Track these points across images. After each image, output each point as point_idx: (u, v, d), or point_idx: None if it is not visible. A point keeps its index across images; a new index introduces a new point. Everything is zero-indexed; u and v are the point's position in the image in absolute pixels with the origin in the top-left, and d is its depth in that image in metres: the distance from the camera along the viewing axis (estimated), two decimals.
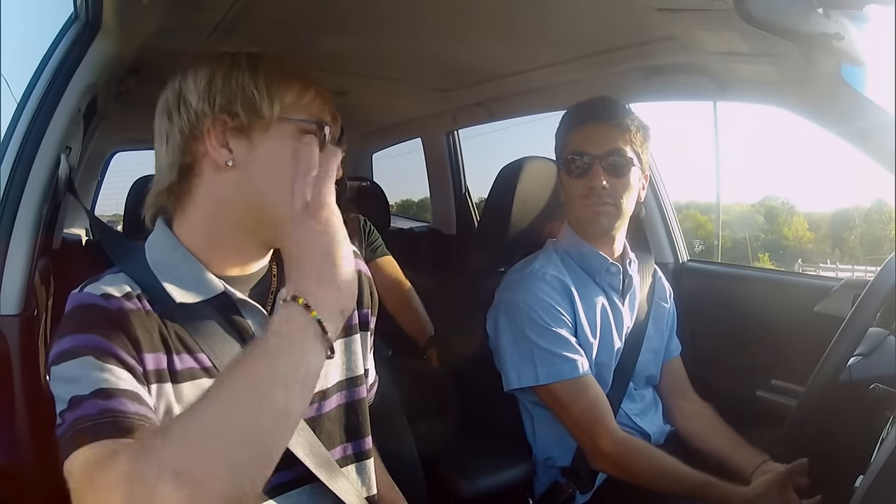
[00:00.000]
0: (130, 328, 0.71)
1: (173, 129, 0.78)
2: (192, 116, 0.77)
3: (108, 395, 0.66)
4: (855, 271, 5.17)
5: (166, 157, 0.79)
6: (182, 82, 0.79)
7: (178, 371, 0.75)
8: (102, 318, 0.71)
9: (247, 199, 0.78)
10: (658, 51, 1.44)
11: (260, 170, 0.78)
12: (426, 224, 3.20)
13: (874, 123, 1.17)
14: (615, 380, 1.36)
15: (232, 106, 0.76)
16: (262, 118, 0.76)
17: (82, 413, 0.64)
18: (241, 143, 0.77)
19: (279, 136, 0.78)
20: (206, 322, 0.78)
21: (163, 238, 0.81)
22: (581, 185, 1.30)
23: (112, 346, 0.69)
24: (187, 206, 0.80)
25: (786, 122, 1.44)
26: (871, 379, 1.01)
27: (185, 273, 0.78)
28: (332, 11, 1.42)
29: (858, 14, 0.87)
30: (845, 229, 5.28)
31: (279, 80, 0.78)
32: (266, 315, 0.82)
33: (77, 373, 0.67)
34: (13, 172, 1.08)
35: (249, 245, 0.82)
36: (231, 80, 0.77)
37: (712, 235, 4.63)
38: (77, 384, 0.66)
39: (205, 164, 0.78)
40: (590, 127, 1.31)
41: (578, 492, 1.31)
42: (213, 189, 0.79)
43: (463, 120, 2.58)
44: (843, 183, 5.51)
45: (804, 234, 5.46)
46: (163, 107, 0.80)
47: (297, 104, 0.79)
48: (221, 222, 0.79)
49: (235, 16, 1.37)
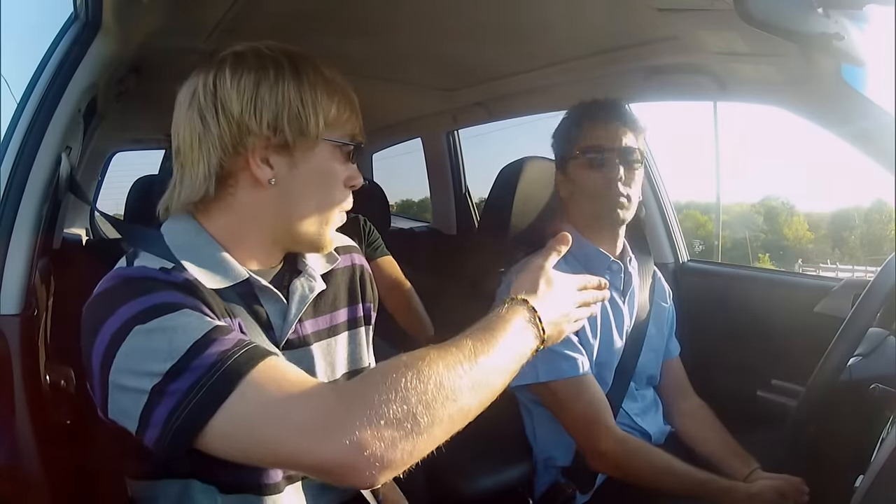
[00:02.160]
0: (201, 296, 0.72)
1: (210, 136, 0.75)
2: (234, 129, 0.75)
3: (227, 331, 0.68)
4: (855, 271, 5.17)
5: (199, 164, 0.76)
6: (218, 82, 0.76)
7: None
8: (171, 284, 0.71)
9: (281, 214, 0.79)
10: (658, 51, 1.44)
11: (299, 188, 0.78)
12: (426, 224, 3.19)
13: (874, 124, 1.17)
14: (616, 379, 1.36)
15: (278, 122, 0.75)
16: (306, 136, 0.76)
17: (221, 350, 0.64)
18: (282, 160, 0.77)
19: (321, 156, 0.79)
20: (233, 306, 0.78)
21: (184, 224, 0.80)
22: (599, 178, 1.31)
23: (198, 303, 0.70)
24: (214, 210, 0.80)
25: (786, 122, 1.44)
26: (871, 379, 1.01)
27: (208, 258, 0.78)
28: (333, 11, 1.42)
29: (858, 14, 0.87)
30: (845, 229, 5.28)
31: (322, 93, 0.77)
32: (285, 303, 0.82)
33: (184, 321, 0.66)
34: (13, 172, 1.07)
35: (272, 250, 0.83)
36: (277, 93, 0.75)
37: (712, 235, 4.63)
38: (187, 332, 0.65)
39: (241, 178, 0.78)
40: (603, 123, 1.33)
41: (578, 492, 1.31)
42: (248, 202, 0.79)
43: (463, 120, 2.58)
44: (843, 183, 5.51)
45: (804, 234, 5.46)
46: (191, 104, 0.77)
47: (338, 121, 0.79)
48: (250, 230, 0.80)
49: (235, 16, 1.37)
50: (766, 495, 1.17)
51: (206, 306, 0.71)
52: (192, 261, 0.76)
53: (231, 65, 0.76)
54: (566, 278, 0.86)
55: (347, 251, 0.95)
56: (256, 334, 0.79)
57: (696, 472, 1.20)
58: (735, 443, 1.36)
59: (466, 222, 2.83)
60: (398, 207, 3.82)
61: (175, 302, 0.68)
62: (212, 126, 0.75)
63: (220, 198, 0.79)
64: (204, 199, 0.78)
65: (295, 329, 0.83)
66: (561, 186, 1.40)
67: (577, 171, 1.35)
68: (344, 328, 0.91)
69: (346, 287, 0.93)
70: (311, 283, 0.85)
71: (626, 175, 1.31)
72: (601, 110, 1.35)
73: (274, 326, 0.82)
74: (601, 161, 1.31)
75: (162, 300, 0.68)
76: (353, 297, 0.93)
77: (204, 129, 0.76)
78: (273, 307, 0.82)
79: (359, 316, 0.94)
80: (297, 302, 0.83)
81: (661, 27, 1.33)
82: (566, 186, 1.38)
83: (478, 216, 2.81)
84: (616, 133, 1.32)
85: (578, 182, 1.35)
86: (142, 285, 0.70)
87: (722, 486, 1.18)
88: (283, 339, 0.82)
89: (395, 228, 2.78)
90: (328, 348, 0.88)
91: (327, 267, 0.89)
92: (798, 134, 2.03)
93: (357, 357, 0.92)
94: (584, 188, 1.34)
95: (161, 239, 0.78)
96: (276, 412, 0.62)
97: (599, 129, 1.33)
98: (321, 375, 0.85)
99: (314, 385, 0.66)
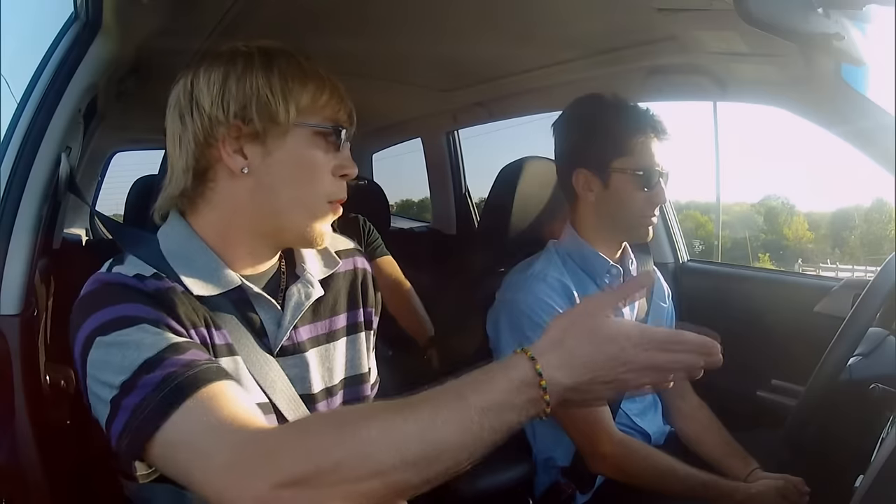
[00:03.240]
0: (171, 306, 0.71)
1: (186, 133, 0.77)
2: (205, 122, 0.75)
3: (183, 349, 0.66)
4: (855, 271, 5.16)
5: (179, 160, 0.78)
6: (194, 81, 0.77)
7: (217, 345, 0.75)
8: (141, 294, 0.71)
9: (262, 205, 0.78)
10: (658, 51, 1.45)
11: (276, 176, 0.77)
12: (426, 224, 3.19)
13: (874, 123, 1.17)
14: None
15: (246, 111, 0.75)
16: (277, 124, 0.76)
17: (168, 371, 0.64)
18: (255, 149, 0.77)
19: (295, 142, 0.77)
20: (223, 314, 0.78)
21: (177, 228, 0.80)
22: (643, 198, 1.28)
23: (162, 315, 0.69)
24: (201, 206, 0.80)
25: (786, 122, 1.44)
26: (871, 379, 1.01)
27: (201, 264, 0.78)
28: (332, 11, 1.42)
29: (858, 14, 0.87)
30: (845, 229, 5.27)
31: (294, 80, 0.77)
32: (279, 310, 0.82)
33: (138, 336, 0.66)
34: (13, 172, 1.07)
35: (262, 246, 0.82)
36: (245, 84, 0.75)
37: (712, 235, 4.62)
38: (139, 349, 0.65)
39: (219, 170, 0.78)
40: (651, 139, 1.28)
41: (578, 492, 1.31)
42: (228, 194, 0.78)
43: (463, 120, 2.58)
44: (843, 183, 5.51)
45: (804, 234, 5.46)
46: (174, 105, 0.79)
47: (313, 107, 0.78)
48: (236, 225, 0.79)
49: (235, 16, 1.37)
50: (767, 495, 1.17)
51: (175, 318, 0.70)
52: (185, 267, 0.76)
53: (206, 63, 0.77)
54: (633, 329, 0.64)
55: (350, 255, 0.94)
56: (248, 342, 0.78)
57: (697, 474, 1.19)
58: (734, 442, 1.36)
59: (466, 222, 2.83)
60: (398, 207, 3.82)
61: (135, 315, 0.68)
62: (188, 123, 0.76)
63: (202, 192, 0.79)
64: (186, 193, 0.79)
65: (290, 336, 0.82)
66: (585, 189, 1.32)
67: (621, 183, 1.28)
68: (343, 333, 0.90)
69: (347, 291, 0.92)
70: (308, 290, 0.84)
71: None
72: (651, 123, 1.29)
73: (268, 333, 0.81)
74: (654, 182, 1.27)
75: (122, 313, 0.68)
76: (354, 301, 0.92)
77: (182, 128, 0.77)
78: (267, 313, 0.81)
79: (359, 321, 0.92)
80: (292, 309, 0.82)
81: (661, 27, 1.33)
82: (598, 192, 1.31)
83: (478, 216, 2.81)
84: (662, 153, 1.29)
85: (619, 195, 1.29)
86: (110, 294, 0.71)
87: (723, 487, 1.18)
88: (277, 345, 0.81)
89: (395, 228, 2.78)
90: (326, 354, 0.87)
91: (327, 271, 0.88)
92: (798, 134, 2.03)
93: (357, 362, 0.91)
94: (624, 203, 1.29)
95: (155, 243, 0.79)
96: (200, 445, 0.62)
97: (653, 145, 1.28)
98: (317, 382, 0.85)
99: (245, 422, 0.63)
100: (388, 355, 1.85)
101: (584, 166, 1.32)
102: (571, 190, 1.35)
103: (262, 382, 0.78)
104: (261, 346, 0.80)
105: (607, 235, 1.35)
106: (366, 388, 0.92)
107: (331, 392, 0.87)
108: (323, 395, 0.85)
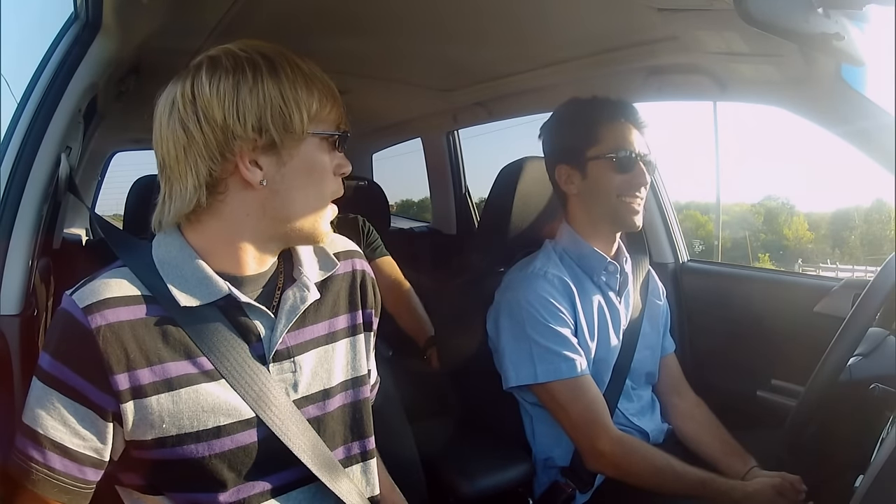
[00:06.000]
0: (106, 348, 0.72)
1: (195, 146, 0.74)
2: (220, 136, 0.74)
3: (64, 451, 0.74)
4: (855, 271, 5.16)
5: (187, 174, 0.75)
6: (196, 90, 0.75)
7: (173, 378, 0.75)
8: (78, 340, 0.73)
9: (273, 212, 0.79)
10: (658, 51, 1.45)
11: (290, 184, 0.78)
12: (426, 224, 3.19)
13: (874, 124, 1.17)
14: (612, 377, 1.36)
15: (262, 123, 0.74)
16: (292, 133, 0.76)
17: (35, 455, 0.73)
18: (271, 159, 0.76)
19: (308, 150, 0.78)
20: (210, 325, 0.78)
21: (172, 237, 0.80)
22: (622, 181, 1.30)
23: (80, 380, 0.73)
24: (205, 218, 0.79)
25: (786, 122, 1.44)
26: (871, 379, 1.01)
27: (190, 274, 0.78)
28: (333, 11, 1.42)
29: (858, 14, 0.87)
30: (845, 229, 5.27)
31: (300, 87, 0.76)
32: (272, 317, 0.82)
33: (45, 404, 0.74)
34: (13, 172, 1.07)
35: (267, 248, 0.83)
36: (258, 94, 0.74)
37: (712, 235, 4.62)
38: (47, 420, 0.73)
39: (231, 183, 0.77)
40: (623, 125, 1.32)
41: (578, 491, 1.31)
42: (238, 205, 0.78)
43: (463, 120, 2.58)
44: (843, 183, 5.50)
45: (804, 234, 5.45)
46: (171, 113, 0.76)
47: (321, 114, 0.79)
48: (241, 232, 0.80)
49: (235, 16, 1.37)
50: (764, 493, 1.17)
51: (103, 365, 0.73)
52: (174, 277, 0.77)
53: (207, 70, 0.75)
54: None
55: (349, 256, 0.94)
56: (236, 354, 0.78)
57: (695, 472, 1.19)
58: (732, 440, 1.36)
59: (466, 222, 2.83)
60: (398, 207, 3.82)
61: (61, 380, 0.73)
62: (196, 135, 0.74)
63: (210, 206, 0.78)
64: (195, 209, 0.78)
65: (283, 340, 0.82)
66: (567, 183, 1.35)
67: (598, 171, 1.31)
68: (343, 335, 0.90)
69: (346, 293, 0.91)
70: (303, 294, 0.84)
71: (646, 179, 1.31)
72: (622, 111, 1.33)
73: (262, 338, 0.81)
74: (629, 164, 1.29)
75: (52, 371, 0.74)
76: (354, 303, 0.92)
77: (188, 140, 0.75)
78: (260, 318, 0.81)
79: (359, 323, 0.92)
80: (286, 313, 0.82)
81: (661, 27, 1.33)
82: (578, 185, 1.34)
83: (478, 216, 2.81)
84: (637, 137, 1.31)
85: (598, 183, 1.31)
86: (56, 334, 0.75)
87: (721, 485, 1.18)
88: (271, 351, 0.81)
89: (395, 228, 2.78)
90: (326, 355, 0.87)
91: (324, 274, 0.88)
92: (798, 134, 2.03)
93: (357, 364, 0.91)
94: (603, 189, 1.31)
95: (148, 251, 0.80)
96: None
97: (625, 130, 1.31)
98: (314, 384, 0.85)
99: None
100: (388, 355, 1.85)
101: (563, 162, 1.35)
102: (559, 188, 1.38)
103: (248, 397, 0.78)
104: (252, 354, 0.80)
105: (598, 228, 1.35)
106: (365, 390, 0.92)
107: (329, 394, 0.87)
108: (320, 396, 0.85)
